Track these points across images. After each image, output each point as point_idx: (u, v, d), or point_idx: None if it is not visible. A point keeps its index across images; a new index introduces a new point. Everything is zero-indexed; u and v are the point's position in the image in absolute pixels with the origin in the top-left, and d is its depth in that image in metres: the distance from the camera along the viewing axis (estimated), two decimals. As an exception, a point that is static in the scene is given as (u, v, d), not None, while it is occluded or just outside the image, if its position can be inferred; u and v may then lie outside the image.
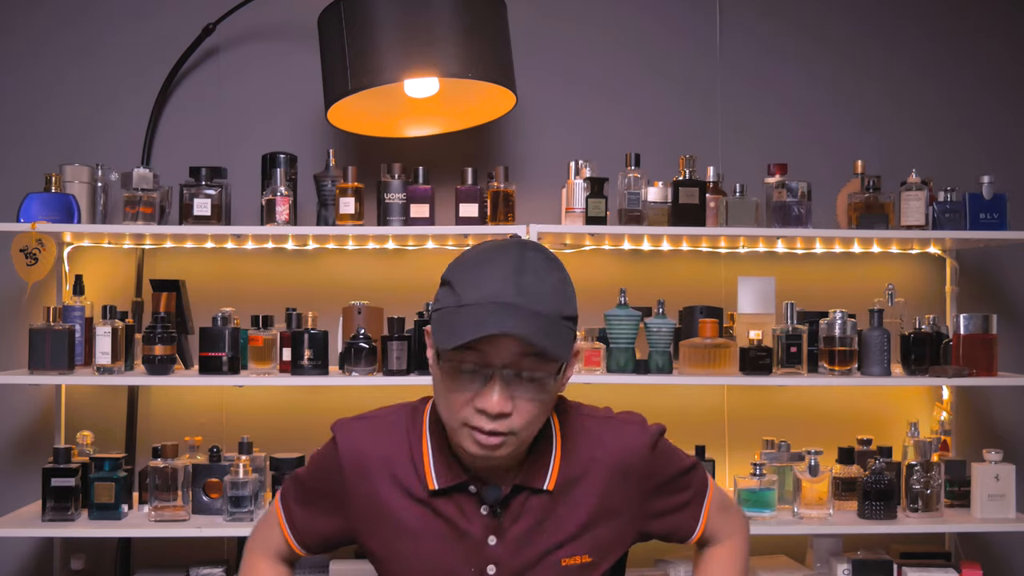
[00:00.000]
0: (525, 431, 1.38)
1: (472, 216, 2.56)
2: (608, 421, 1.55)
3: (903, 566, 2.54)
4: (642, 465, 1.51)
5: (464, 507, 1.46)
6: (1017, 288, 2.99)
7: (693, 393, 2.87)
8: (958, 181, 2.71)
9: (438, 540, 1.46)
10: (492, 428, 1.35)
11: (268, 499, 2.57)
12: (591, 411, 1.56)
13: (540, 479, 1.46)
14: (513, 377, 1.35)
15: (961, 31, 3.02)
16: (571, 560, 1.47)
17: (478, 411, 1.35)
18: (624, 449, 1.50)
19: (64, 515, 2.42)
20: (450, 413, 1.39)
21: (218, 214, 2.53)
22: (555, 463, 1.48)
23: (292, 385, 2.59)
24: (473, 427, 1.36)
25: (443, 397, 1.40)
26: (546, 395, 1.38)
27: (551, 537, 1.46)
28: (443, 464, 1.46)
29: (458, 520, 1.45)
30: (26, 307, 2.77)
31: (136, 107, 2.84)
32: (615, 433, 1.52)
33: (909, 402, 2.91)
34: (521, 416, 1.36)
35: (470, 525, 1.45)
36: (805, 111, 2.97)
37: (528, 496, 1.46)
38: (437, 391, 1.42)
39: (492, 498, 1.44)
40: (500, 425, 1.35)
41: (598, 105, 2.94)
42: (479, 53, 2.39)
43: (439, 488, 1.45)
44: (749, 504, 2.48)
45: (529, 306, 1.32)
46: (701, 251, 2.87)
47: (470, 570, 1.45)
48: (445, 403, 1.40)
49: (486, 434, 1.36)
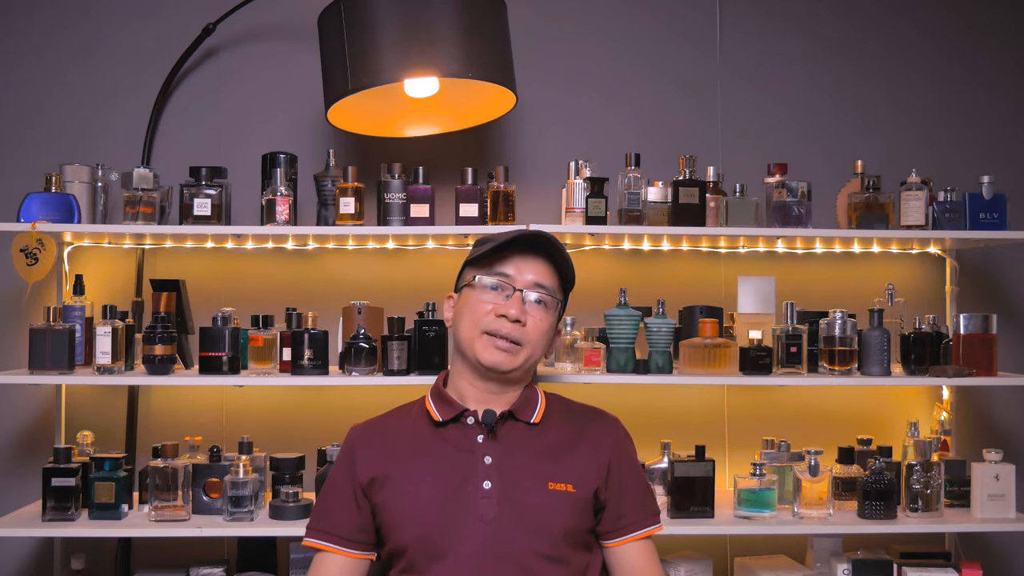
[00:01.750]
0: (532, 348, 1.74)
1: (472, 216, 2.56)
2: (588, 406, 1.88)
3: (903, 566, 2.54)
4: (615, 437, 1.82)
5: (464, 434, 1.74)
6: (1017, 288, 2.99)
7: (693, 393, 2.87)
8: (958, 181, 2.71)
9: (442, 463, 1.71)
10: (509, 332, 1.71)
11: (268, 499, 2.57)
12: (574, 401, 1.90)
13: (528, 413, 1.77)
14: (530, 299, 1.73)
15: (961, 31, 3.02)
16: (558, 486, 1.70)
17: (499, 317, 1.71)
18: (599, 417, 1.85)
19: (64, 515, 2.42)
20: (473, 324, 1.73)
21: (218, 214, 2.53)
22: (540, 407, 1.79)
23: (292, 385, 2.59)
24: (492, 334, 1.71)
25: (470, 311, 1.74)
26: (547, 324, 1.75)
27: (539, 463, 1.72)
28: (443, 403, 1.77)
29: (459, 442, 1.73)
30: (26, 307, 2.77)
31: (136, 107, 2.84)
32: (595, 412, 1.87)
33: (909, 402, 2.91)
34: (530, 330, 1.73)
35: (469, 446, 1.72)
36: (805, 111, 2.98)
37: (518, 426, 1.75)
38: (460, 313, 1.76)
39: (488, 418, 1.72)
40: (515, 331, 1.71)
41: (598, 105, 2.94)
42: (479, 53, 2.39)
43: (442, 420, 1.75)
44: (749, 504, 2.49)
45: (553, 239, 1.77)
46: (701, 251, 2.87)
47: (468, 488, 1.68)
48: (471, 316, 1.74)
49: (503, 339, 1.70)
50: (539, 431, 1.76)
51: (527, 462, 1.71)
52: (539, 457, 1.73)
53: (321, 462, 2.58)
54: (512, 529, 1.66)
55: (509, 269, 1.75)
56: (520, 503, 1.67)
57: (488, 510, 1.66)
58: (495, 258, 1.76)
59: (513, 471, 1.70)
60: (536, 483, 1.69)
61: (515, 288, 1.73)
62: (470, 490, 1.68)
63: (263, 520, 2.46)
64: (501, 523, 1.66)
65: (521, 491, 1.68)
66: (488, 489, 1.67)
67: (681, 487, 2.49)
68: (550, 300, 1.76)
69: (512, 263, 1.76)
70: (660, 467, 2.58)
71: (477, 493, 1.67)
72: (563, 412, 1.82)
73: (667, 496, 2.53)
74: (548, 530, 1.67)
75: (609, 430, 1.82)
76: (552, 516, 1.68)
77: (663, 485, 2.56)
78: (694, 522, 2.48)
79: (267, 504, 2.53)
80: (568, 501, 1.70)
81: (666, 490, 2.54)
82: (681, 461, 2.50)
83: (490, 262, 1.77)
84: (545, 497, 1.69)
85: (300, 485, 2.55)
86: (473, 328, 1.73)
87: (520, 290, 1.73)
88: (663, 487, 2.56)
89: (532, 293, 1.74)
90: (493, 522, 1.66)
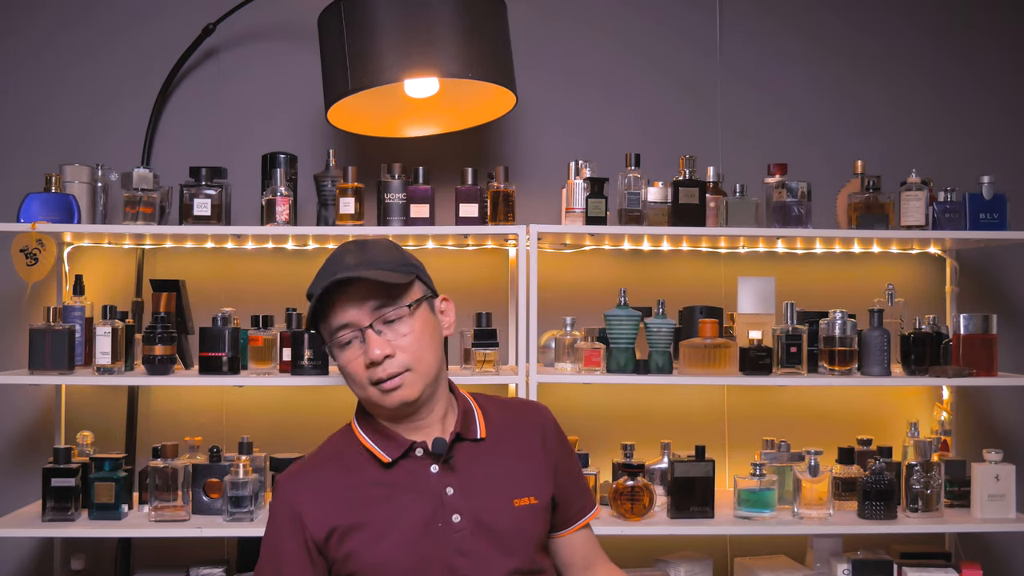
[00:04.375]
0: (418, 364, 1.61)
1: (472, 216, 2.56)
2: (511, 399, 1.84)
3: (903, 566, 2.54)
4: (552, 427, 1.77)
5: (417, 470, 1.65)
6: (1017, 288, 2.99)
7: (693, 393, 2.87)
8: (958, 181, 2.71)
9: (403, 506, 1.62)
10: (388, 372, 1.59)
11: (268, 499, 2.57)
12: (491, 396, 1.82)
13: (473, 430, 1.69)
14: (381, 325, 1.61)
15: (961, 31, 3.02)
16: (522, 501, 1.66)
17: (370, 366, 1.60)
18: (534, 410, 1.79)
19: (64, 515, 2.42)
20: (358, 385, 1.63)
21: (218, 214, 2.53)
22: (479, 418, 1.71)
23: (292, 385, 2.59)
24: (375, 383, 1.60)
25: (349, 378, 1.64)
26: (418, 329, 1.62)
27: (499, 481, 1.66)
28: (384, 438, 1.67)
29: (415, 482, 1.64)
30: (26, 307, 2.77)
31: (136, 107, 2.84)
32: (522, 403, 1.83)
33: (909, 402, 2.91)
34: (406, 352, 1.61)
35: (426, 483, 1.63)
36: (805, 111, 2.97)
37: (465, 445, 1.67)
38: (345, 377, 1.65)
39: (439, 447, 1.64)
40: (392, 366, 1.60)
41: (598, 105, 2.94)
42: (479, 53, 2.39)
43: (391, 460, 1.64)
44: (749, 504, 2.49)
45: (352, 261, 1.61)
46: (701, 251, 2.87)
47: (438, 525, 1.61)
48: (352, 380, 1.64)
49: (387, 380, 1.59)
50: (487, 446, 1.69)
51: (487, 484, 1.65)
52: (497, 475, 1.67)
53: (321, 462, 2.58)
54: (491, 557, 1.61)
55: (340, 319, 1.60)
56: (492, 529, 1.62)
57: (463, 543, 1.61)
58: (326, 316, 1.62)
59: (478, 498, 1.63)
60: (502, 505, 1.65)
61: (360, 329, 1.60)
62: (440, 526, 1.61)
63: (263, 520, 2.46)
64: (479, 554, 1.61)
65: (491, 516, 1.63)
66: (459, 522, 1.61)
67: (681, 487, 2.49)
68: (403, 312, 1.62)
69: (340, 312, 1.60)
70: (660, 467, 2.59)
71: (449, 528, 1.61)
72: (498, 416, 1.74)
73: (667, 496, 2.53)
74: (523, 548, 1.64)
75: (544, 422, 1.76)
76: (524, 534, 1.65)
77: (663, 485, 2.56)
78: (694, 522, 2.48)
79: (267, 504, 2.53)
80: (534, 513, 1.67)
81: (666, 490, 2.54)
82: (681, 461, 2.50)
83: (326, 323, 1.63)
84: (514, 516, 1.65)
85: (300, 485, 2.54)
86: (361, 388, 1.63)
87: (364, 328, 1.60)
88: (663, 487, 2.56)
89: (377, 323, 1.60)
90: (472, 554, 1.61)
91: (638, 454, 2.62)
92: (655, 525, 2.47)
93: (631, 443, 2.61)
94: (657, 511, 2.53)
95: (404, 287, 1.63)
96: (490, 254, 2.83)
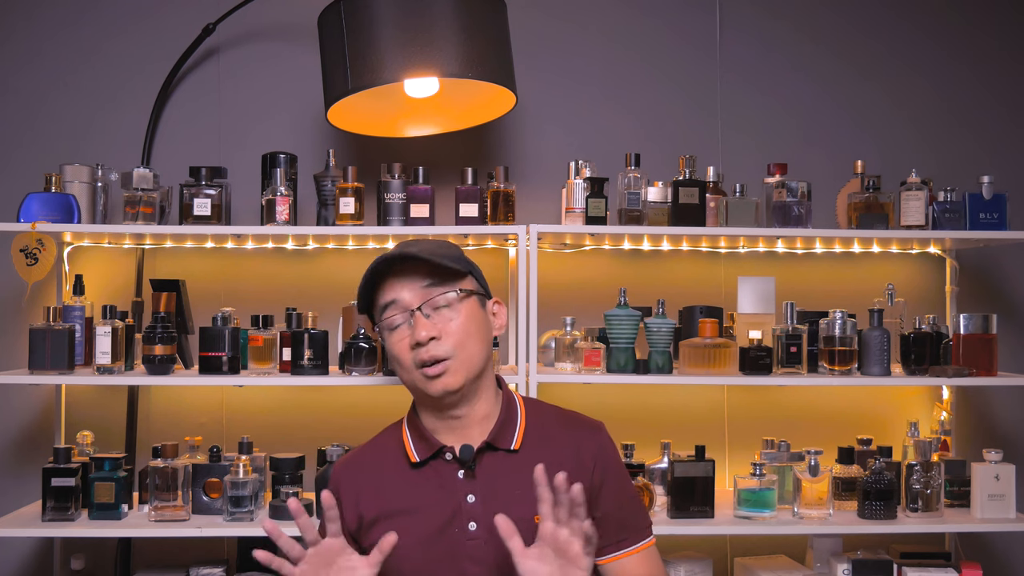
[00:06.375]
0: (462, 352, 1.63)
1: (472, 216, 2.56)
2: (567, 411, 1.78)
3: (903, 566, 2.54)
4: (601, 448, 1.71)
5: (443, 473, 1.66)
6: (1017, 288, 2.99)
7: (693, 393, 2.87)
8: (958, 181, 2.71)
9: (424, 506, 1.64)
10: (431, 355, 1.61)
11: (268, 499, 2.57)
12: (552, 405, 1.80)
13: (506, 441, 1.68)
14: (430, 310, 1.63)
15: (961, 31, 3.02)
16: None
17: (416, 347, 1.62)
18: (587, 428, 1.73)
19: (64, 515, 2.42)
20: (404, 368, 1.65)
21: (218, 214, 2.53)
22: (520, 429, 1.69)
23: (292, 385, 2.59)
24: (420, 366, 1.62)
25: (396, 360, 1.67)
26: (464, 318, 1.64)
27: (523, 495, 1.60)
28: (420, 440, 1.69)
29: (439, 484, 1.65)
30: (26, 307, 2.77)
31: (136, 107, 2.84)
32: (578, 419, 1.76)
33: (909, 402, 2.91)
34: (451, 337, 1.63)
35: (451, 487, 1.65)
36: (805, 111, 2.98)
37: (497, 456, 1.67)
38: (392, 360, 1.68)
39: (466, 454, 1.65)
40: (436, 349, 1.62)
41: (598, 105, 2.94)
42: (479, 53, 2.39)
43: (420, 460, 1.67)
44: (749, 504, 2.49)
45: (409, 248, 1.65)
46: (701, 251, 2.87)
47: (454, 530, 1.63)
48: (399, 362, 1.66)
49: (430, 365, 1.61)
50: (520, 459, 1.66)
51: (510, 497, 1.62)
52: (523, 489, 1.60)
53: (321, 462, 2.58)
54: (502, 569, 1.58)
55: (390, 296, 1.65)
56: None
57: (476, 551, 1.61)
58: (376, 295, 1.68)
59: (498, 509, 1.57)
60: (522, 519, 1.57)
61: (409, 312, 1.64)
62: (456, 531, 1.62)
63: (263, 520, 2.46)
64: (491, 564, 1.61)
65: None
66: (474, 530, 1.62)
67: (681, 487, 2.49)
68: (451, 297, 1.65)
69: (390, 289, 1.66)
70: (660, 467, 2.59)
71: (464, 535, 1.62)
72: (543, 428, 1.71)
73: (667, 496, 2.53)
74: None
75: (591, 441, 1.71)
76: None
77: (663, 485, 2.56)
78: (694, 522, 2.48)
79: (267, 504, 2.53)
80: None
81: (666, 490, 2.54)
82: (681, 461, 2.50)
83: (376, 302, 1.68)
84: (532, 533, 1.56)
85: (300, 485, 2.55)
86: (406, 372, 1.66)
87: (415, 309, 1.63)
88: (663, 487, 2.56)
89: (426, 307, 1.63)
90: (483, 563, 1.61)
91: (638, 454, 2.62)
92: (655, 525, 2.42)
93: (631, 443, 2.61)
94: (657, 511, 2.53)
95: (456, 276, 1.66)
96: (490, 254, 2.83)
